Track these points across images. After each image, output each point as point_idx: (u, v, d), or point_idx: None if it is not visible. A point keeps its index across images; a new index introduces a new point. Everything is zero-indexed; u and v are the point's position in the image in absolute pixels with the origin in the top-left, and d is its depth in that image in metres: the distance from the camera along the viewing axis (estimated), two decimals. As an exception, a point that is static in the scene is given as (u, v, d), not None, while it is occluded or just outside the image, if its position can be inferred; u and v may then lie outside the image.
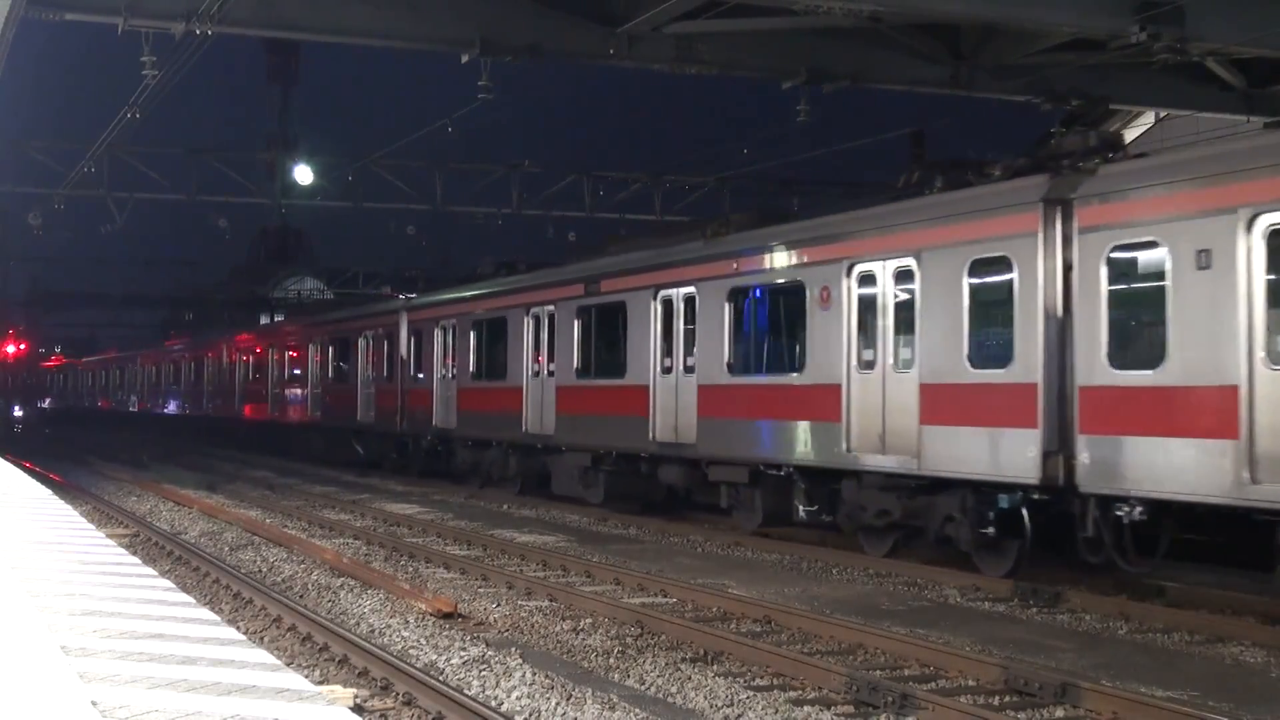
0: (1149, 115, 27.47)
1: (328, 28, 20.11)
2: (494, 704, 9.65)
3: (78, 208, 37.97)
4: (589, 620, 13.24)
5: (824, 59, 22.03)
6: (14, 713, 5.77)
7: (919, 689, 9.99)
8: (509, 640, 12.33)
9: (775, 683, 10.65)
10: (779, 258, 18.86)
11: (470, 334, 28.81)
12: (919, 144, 44.96)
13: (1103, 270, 13.88)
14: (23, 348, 75.10)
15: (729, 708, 9.77)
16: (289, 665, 8.84)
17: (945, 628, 12.83)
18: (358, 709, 9.13)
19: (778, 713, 9.63)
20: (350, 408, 35.65)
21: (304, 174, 37.32)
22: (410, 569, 17.09)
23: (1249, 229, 12.44)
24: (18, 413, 70.33)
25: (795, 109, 24.09)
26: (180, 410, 58.45)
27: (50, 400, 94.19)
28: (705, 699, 10.05)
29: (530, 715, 9.46)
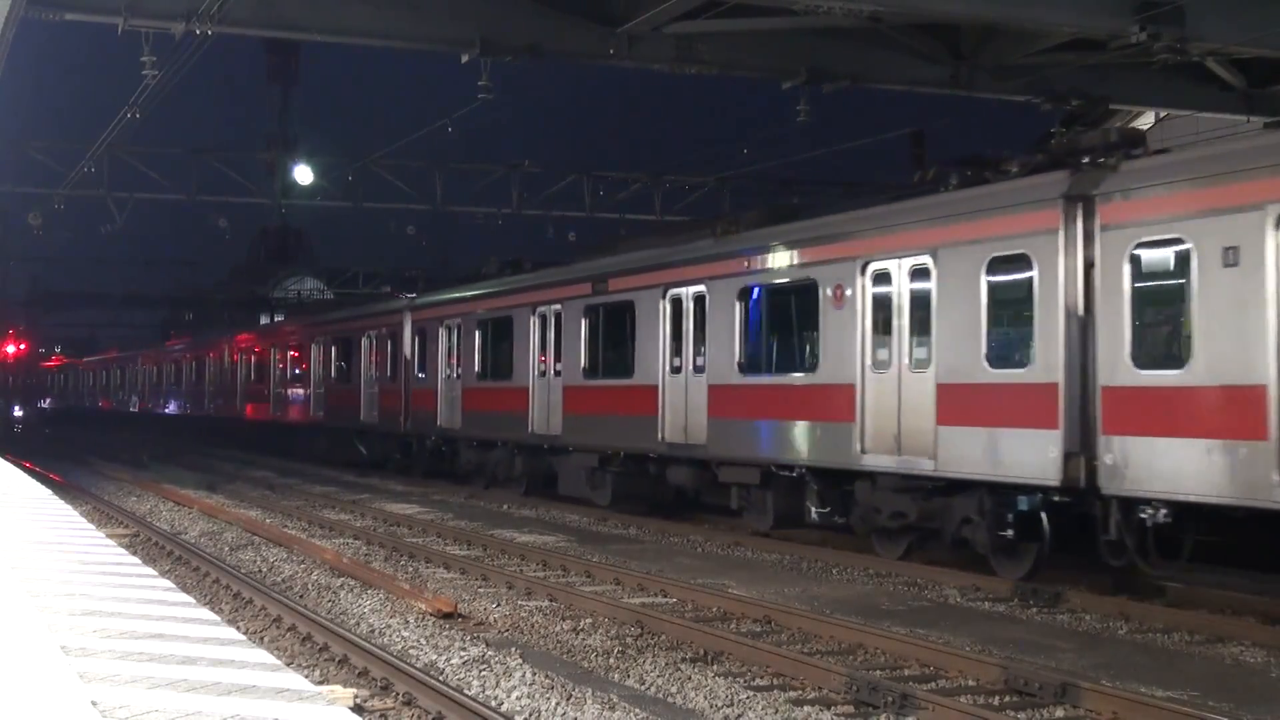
0: (1149, 115, 27.44)
1: (328, 28, 20.11)
2: (494, 704, 9.65)
3: (78, 208, 38.05)
4: (589, 620, 13.24)
5: (824, 59, 22.02)
6: (14, 713, 5.77)
7: (919, 689, 9.99)
8: (509, 640, 12.34)
9: (775, 683, 10.65)
10: (791, 256, 18.65)
11: (475, 333, 28.65)
12: (919, 144, 45.01)
13: (1126, 268, 13.66)
14: (23, 348, 75.16)
15: (729, 708, 9.77)
16: (289, 665, 8.85)
17: (945, 628, 12.83)
18: (358, 709, 9.13)
19: (778, 713, 9.64)
20: (354, 408, 35.53)
21: (304, 174, 37.28)
22: (410, 569, 17.09)
23: (1277, 226, 12.26)
24: (18, 413, 70.37)
25: (795, 109, 24.07)
26: (181, 410, 58.45)
27: (50, 400, 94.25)
28: (705, 699, 10.05)
29: (530, 715, 9.46)
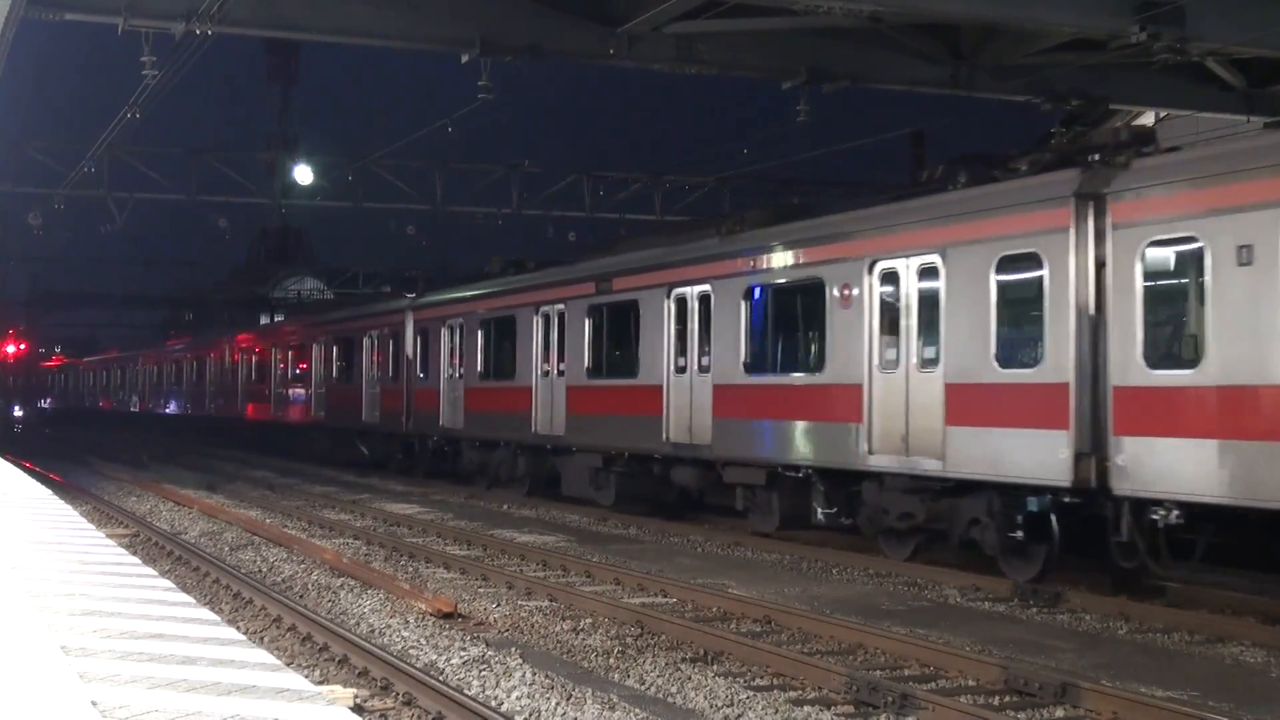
0: (1149, 115, 27.44)
1: (328, 28, 20.11)
2: (494, 704, 9.65)
3: (78, 208, 38.08)
4: (589, 620, 13.24)
5: (824, 59, 22.02)
6: (14, 713, 5.77)
7: (919, 689, 9.99)
8: (509, 640, 12.33)
9: (775, 683, 10.65)
10: (797, 255, 18.52)
11: (478, 333, 28.54)
12: (919, 144, 45.02)
13: (1138, 267, 13.50)
14: (23, 348, 75.20)
15: (729, 708, 9.77)
16: (289, 665, 8.85)
17: (945, 628, 12.83)
18: (358, 709, 9.13)
19: (778, 713, 9.64)
20: (355, 408, 35.46)
21: (304, 174, 37.30)
22: (410, 569, 17.09)
23: None
24: (18, 413, 70.39)
25: (795, 109, 24.07)
26: (182, 410, 58.44)
27: (50, 400, 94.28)
28: (705, 699, 10.05)
29: (530, 715, 9.46)
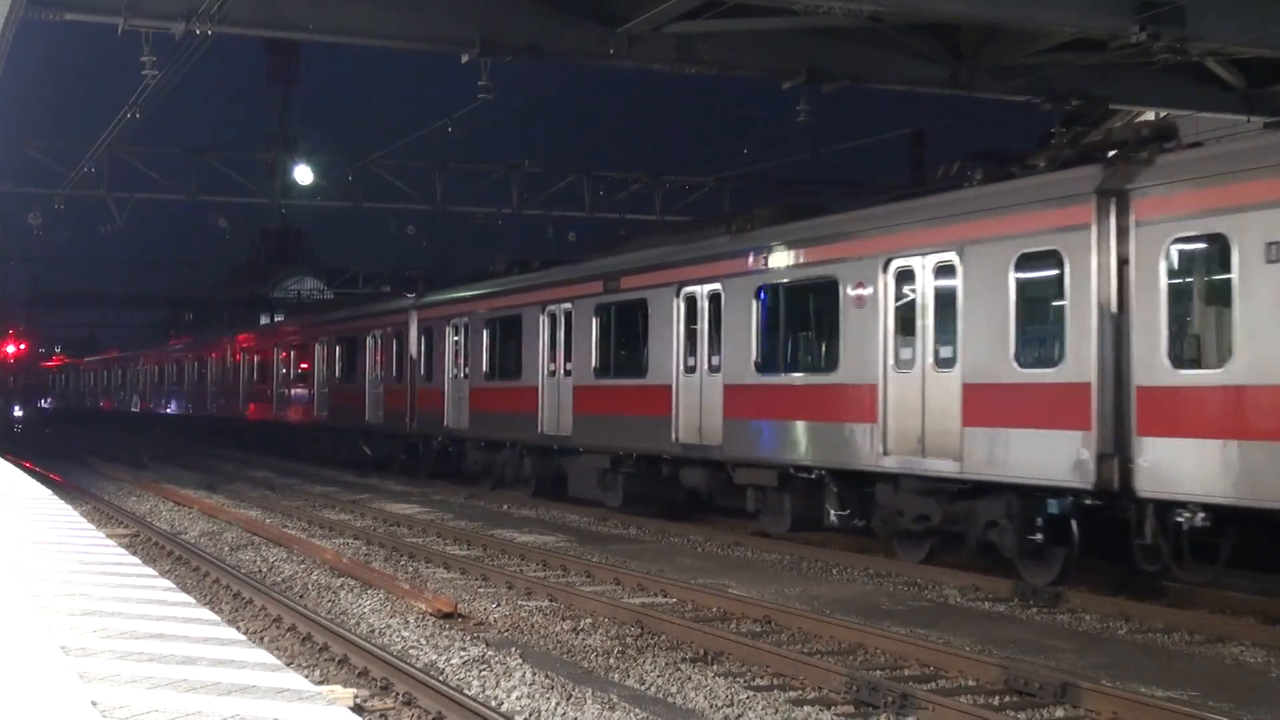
0: (1149, 115, 27.43)
1: (328, 28, 20.09)
2: (494, 704, 9.66)
3: (78, 208, 38.06)
4: (589, 620, 13.25)
5: (824, 59, 22.00)
6: (14, 713, 5.77)
7: (919, 689, 10.00)
8: (509, 640, 12.34)
9: (775, 683, 10.66)
10: (810, 252, 18.29)
11: (483, 332, 28.37)
12: (919, 144, 45.14)
13: (1162, 264, 13.24)
14: (23, 348, 75.21)
15: (729, 708, 9.78)
16: (289, 665, 8.85)
17: (945, 628, 12.83)
18: (358, 709, 9.13)
19: (778, 713, 9.64)
20: (358, 408, 35.38)
21: (304, 174, 37.27)
22: (410, 569, 17.09)
23: None
24: (18, 413, 70.39)
25: (795, 109, 24.05)
26: (183, 410, 58.43)
27: (51, 400, 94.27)
28: (705, 699, 10.05)
29: (530, 715, 9.47)
